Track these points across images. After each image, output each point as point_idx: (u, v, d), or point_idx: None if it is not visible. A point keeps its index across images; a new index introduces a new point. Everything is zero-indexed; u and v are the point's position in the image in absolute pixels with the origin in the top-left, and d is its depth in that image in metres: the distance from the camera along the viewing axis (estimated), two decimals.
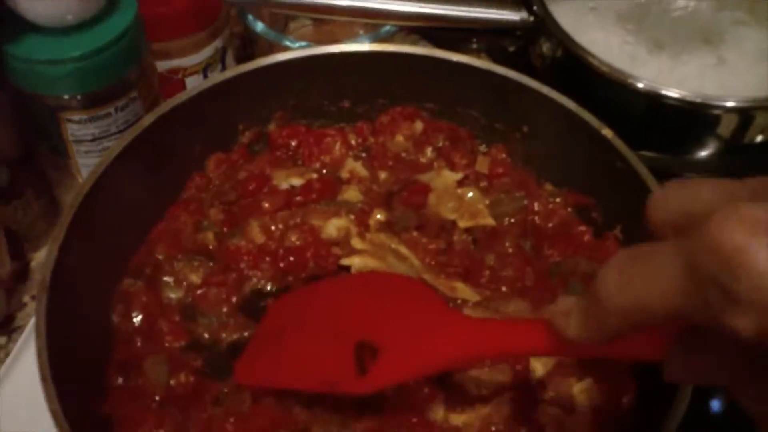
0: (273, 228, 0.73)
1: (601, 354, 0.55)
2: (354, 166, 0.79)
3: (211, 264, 0.72)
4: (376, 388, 0.60)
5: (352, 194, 0.76)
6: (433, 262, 0.72)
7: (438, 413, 0.64)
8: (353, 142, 0.81)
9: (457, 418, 0.64)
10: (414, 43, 0.98)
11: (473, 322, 0.61)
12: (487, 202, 0.76)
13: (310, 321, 0.66)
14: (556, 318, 0.46)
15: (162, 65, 0.85)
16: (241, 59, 0.94)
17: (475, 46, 1.03)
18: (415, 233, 0.74)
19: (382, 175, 0.79)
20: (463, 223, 0.74)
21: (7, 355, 0.79)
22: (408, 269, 0.71)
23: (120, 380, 0.66)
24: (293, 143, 0.80)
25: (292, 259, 0.72)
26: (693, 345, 0.41)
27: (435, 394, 0.65)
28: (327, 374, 0.62)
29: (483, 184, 0.78)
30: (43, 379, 0.58)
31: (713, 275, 0.34)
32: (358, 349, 0.61)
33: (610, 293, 0.39)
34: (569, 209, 0.76)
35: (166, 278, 0.71)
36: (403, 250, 0.72)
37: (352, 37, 0.90)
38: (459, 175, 0.78)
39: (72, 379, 0.60)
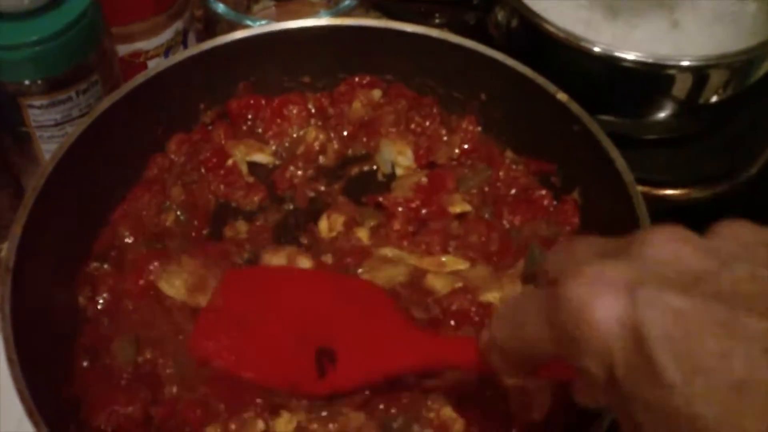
0: None
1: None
2: (313, 133, 0.79)
3: None
4: (333, 391, 0.64)
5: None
6: (411, 245, 0.73)
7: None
8: (312, 109, 0.81)
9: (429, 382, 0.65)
10: (375, 19, 0.98)
11: (421, 338, 0.65)
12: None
13: (273, 314, 0.68)
14: (483, 350, 0.51)
15: (123, 49, 0.85)
16: (203, 41, 0.94)
17: (438, 21, 1.03)
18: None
19: (336, 144, 0.80)
20: None
21: None
22: (399, 268, 0.71)
23: (86, 363, 0.66)
24: (250, 114, 0.81)
25: None
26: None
27: None
28: (289, 374, 0.65)
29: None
30: (9, 360, 0.59)
31: (563, 326, 0.40)
32: (319, 353, 0.65)
33: (504, 341, 0.47)
34: (530, 176, 0.78)
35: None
36: (387, 252, 0.73)
37: (313, 15, 0.91)
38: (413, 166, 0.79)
39: (39, 362, 0.61)
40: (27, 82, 0.74)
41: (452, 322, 0.67)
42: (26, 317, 0.62)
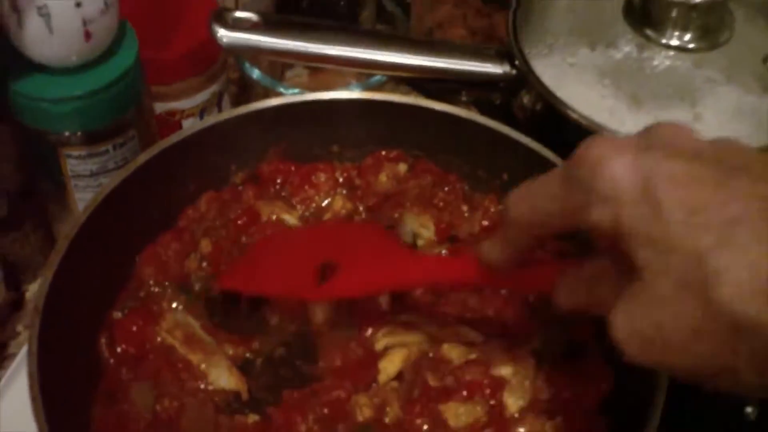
0: None
1: (511, 285, 0.72)
2: (339, 202, 0.82)
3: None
4: (329, 297, 0.72)
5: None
6: (429, 315, 0.75)
7: None
8: (340, 179, 0.84)
9: None
10: (405, 93, 1.01)
11: (419, 254, 0.77)
12: None
13: (285, 245, 0.77)
14: (481, 248, 0.59)
15: (160, 107, 0.88)
16: (237, 104, 0.98)
17: (464, 98, 1.06)
18: None
19: (362, 214, 0.82)
20: None
21: None
22: (419, 336, 0.73)
23: (104, 405, 0.68)
24: (279, 179, 0.83)
25: None
26: (573, 274, 0.55)
27: (419, 428, 0.67)
28: (292, 283, 0.72)
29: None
30: (33, 398, 0.60)
31: (580, 179, 0.47)
32: (322, 267, 0.71)
33: (513, 203, 0.54)
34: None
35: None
36: (405, 318, 0.74)
37: (344, 86, 0.94)
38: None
39: (59, 404, 0.62)
40: (67, 134, 0.77)
41: (464, 392, 0.68)
42: (50, 358, 0.64)
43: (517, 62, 0.86)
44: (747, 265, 0.40)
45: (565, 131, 0.84)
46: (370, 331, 0.73)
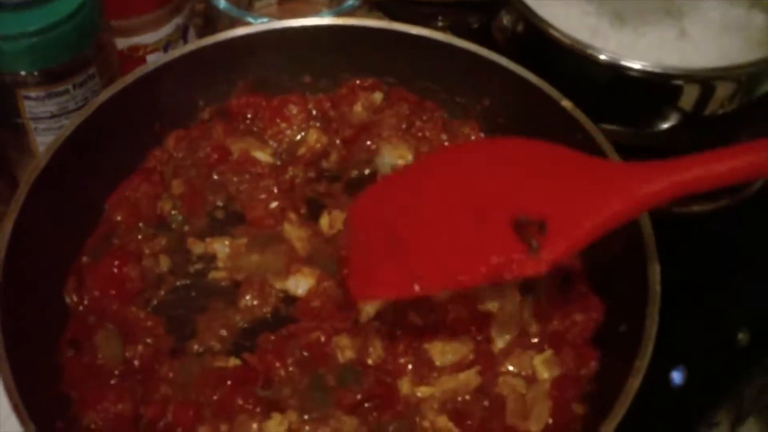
0: None
1: None
2: (314, 135, 0.78)
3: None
4: (555, 261, 0.56)
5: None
6: None
7: (404, 386, 0.65)
8: (313, 111, 0.80)
9: (423, 391, 0.65)
10: (378, 19, 0.97)
11: (649, 168, 0.58)
12: None
13: (431, 207, 0.61)
14: None
15: (122, 42, 0.84)
16: (203, 37, 0.93)
17: (440, 24, 1.02)
18: None
19: (334, 155, 0.79)
20: None
21: None
22: None
23: (71, 353, 0.65)
24: (249, 113, 0.79)
25: None
26: None
27: (403, 368, 0.65)
28: (485, 260, 0.57)
29: None
30: None
31: None
32: (516, 226, 0.57)
33: None
34: None
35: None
36: None
37: (315, 15, 0.90)
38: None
39: (27, 358, 0.60)
40: (23, 73, 0.73)
41: (450, 330, 0.66)
42: (15, 312, 0.61)
43: None
44: None
45: (547, 52, 0.81)
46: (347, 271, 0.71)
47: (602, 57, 0.78)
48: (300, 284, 0.70)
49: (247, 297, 0.69)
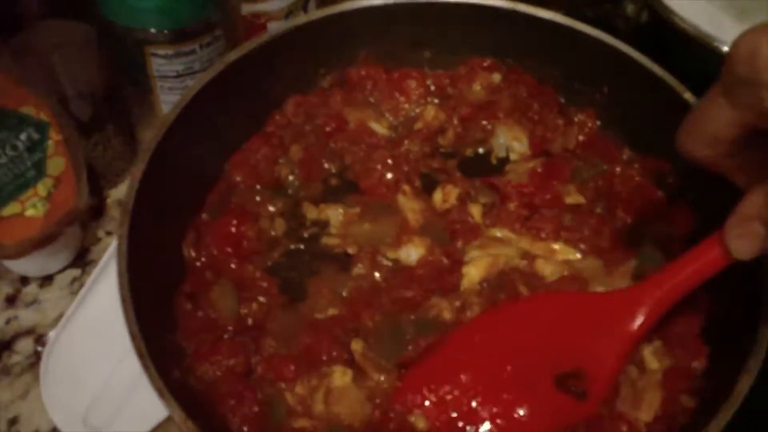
0: None
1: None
2: (431, 111, 0.79)
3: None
4: (600, 402, 0.62)
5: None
6: (523, 229, 0.72)
7: None
8: (431, 87, 0.81)
9: None
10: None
11: (637, 286, 0.65)
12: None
13: (486, 366, 0.65)
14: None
15: (246, 8, 0.86)
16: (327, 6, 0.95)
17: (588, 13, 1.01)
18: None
19: (450, 132, 0.79)
20: None
21: (81, 286, 0.81)
22: (506, 247, 0.71)
23: (188, 306, 0.67)
24: (369, 84, 0.80)
25: None
26: None
27: None
28: (547, 423, 0.62)
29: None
30: (123, 300, 0.60)
31: (742, 78, 0.47)
32: (559, 381, 0.63)
33: (685, 145, 0.54)
34: (645, 176, 0.76)
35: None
36: (497, 232, 0.73)
37: None
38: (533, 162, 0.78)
39: (147, 306, 0.62)
40: (153, 31, 0.75)
41: None
42: (138, 260, 0.63)
43: None
44: None
45: (670, 42, 0.80)
46: (460, 243, 0.72)
47: (726, 49, 0.76)
48: (411, 253, 0.71)
49: (359, 265, 0.70)
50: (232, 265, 0.70)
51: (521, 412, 0.62)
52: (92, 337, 0.75)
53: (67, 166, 0.77)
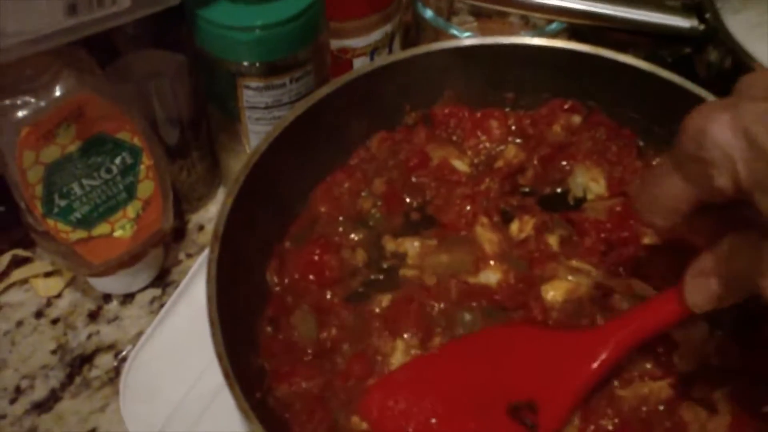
0: None
1: None
2: (512, 150, 0.80)
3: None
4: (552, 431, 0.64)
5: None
6: (600, 264, 0.74)
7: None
8: (512, 127, 0.82)
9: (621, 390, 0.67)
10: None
11: (598, 328, 0.68)
12: None
13: (446, 388, 0.67)
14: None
15: (333, 44, 0.88)
16: (406, 46, 0.97)
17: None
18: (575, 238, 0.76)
19: (530, 171, 0.80)
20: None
21: (161, 306, 0.83)
22: (584, 277, 0.72)
23: (269, 329, 0.69)
24: (453, 123, 0.82)
25: None
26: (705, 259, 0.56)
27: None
28: None
29: None
30: (211, 322, 0.62)
31: (690, 155, 0.49)
32: (511, 411, 0.65)
33: (642, 208, 0.55)
34: None
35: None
36: (574, 263, 0.74)
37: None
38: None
39: (232, 328, 0.64)
40: (246, 63, 0.77)
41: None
42: (226, 284, 0.65)
43: (707, 16, 0.82)
44: None
45: None
46: (538, 271, 0.73)
47: None
48: (490, 277, 0.73)
49: None
50: (313, 292, 0.72)
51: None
52: (170, 354, 0.78)
53: (155, 190, 0.80)
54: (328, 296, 0.72)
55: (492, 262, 0.73)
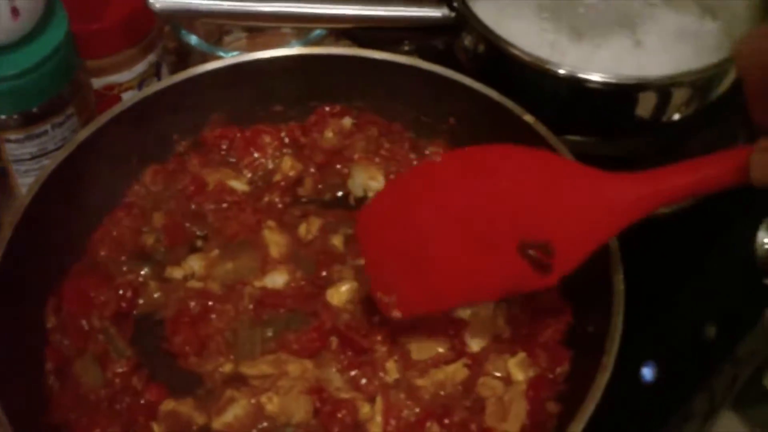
0: None
1: None
2: (288, 162, 0.81)
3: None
4: (563, 274, 0.62)
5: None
6: None
7: (392, 374, 0.68)
8: (285, 139, 0.83)
9: (419, 379, 0.68)
10: (345, 47, 1.00)
11: (639, 180, 0.61)
12: None
13: (443, 225, 0.64)
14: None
15: (97, 82, 0.86)
16: (176, 74, 0.96)
17: (407, 48, 1.04)
18: None
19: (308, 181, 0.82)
20: None
21: None
22: None
23: (56, 384, 0.68)
24: (224, 144, 0.82)
25: None
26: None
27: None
28: (501, 282, 0.63)
29: None
30: None
31: None
32: (522, 249, 0.62)
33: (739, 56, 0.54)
34: None
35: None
36: (360, 262, 0.74)
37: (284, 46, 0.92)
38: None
39: (15, 390, 0.62)
40: (3, 117, 0.75)
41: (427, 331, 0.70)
42: (2, 341, 0.64)
43: (455, 4, 0.85)
44: None
45: (508, 69, 0.83)
46: (324, 273, 0.74)
47: (561, 71, 0.80)
48: (276, 280, 0.74)
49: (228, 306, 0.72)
50: (92, 324, 0.70)
51: (477, 263, 0.63)
52: None
53: None
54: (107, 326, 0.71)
55: (279, 265, 0.74)
